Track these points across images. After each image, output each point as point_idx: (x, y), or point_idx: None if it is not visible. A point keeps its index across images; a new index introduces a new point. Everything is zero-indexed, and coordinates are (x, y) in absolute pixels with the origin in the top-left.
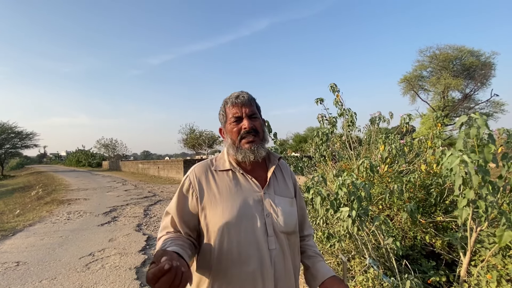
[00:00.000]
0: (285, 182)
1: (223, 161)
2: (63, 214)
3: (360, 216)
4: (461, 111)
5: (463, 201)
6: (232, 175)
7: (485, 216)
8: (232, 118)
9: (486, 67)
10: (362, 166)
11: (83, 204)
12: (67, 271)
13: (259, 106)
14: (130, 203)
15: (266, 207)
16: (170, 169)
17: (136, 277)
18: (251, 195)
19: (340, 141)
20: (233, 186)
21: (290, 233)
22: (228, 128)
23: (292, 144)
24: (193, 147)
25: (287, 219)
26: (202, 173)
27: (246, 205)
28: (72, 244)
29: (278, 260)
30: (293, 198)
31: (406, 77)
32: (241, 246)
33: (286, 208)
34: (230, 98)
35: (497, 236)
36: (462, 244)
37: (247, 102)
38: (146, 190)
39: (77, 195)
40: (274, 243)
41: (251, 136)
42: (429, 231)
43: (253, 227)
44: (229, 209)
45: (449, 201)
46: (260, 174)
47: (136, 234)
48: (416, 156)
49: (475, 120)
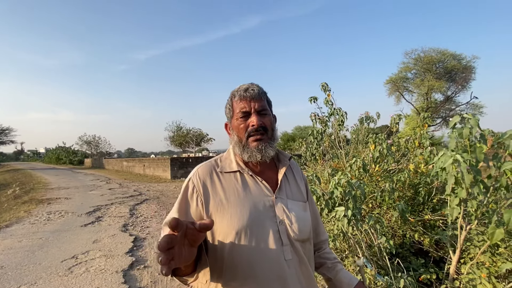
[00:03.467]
0: (297, 185)
1: (229, 161)
2: (43, 214)
3: (355, 216)
4: (442, 112)
5: (455, 200)
6: (240, 177)
7: (475, 215)
8: (240, 113)
9: (467, 71)
10: (354, 165)
11: (64, 204)
12: (48, 275)
13: (270, 101)
14: (115, 202)
15: (278, 213)
16: (156, 167)
17: (124, 281)
18: (262, 199)
19: (330, 140)
20: (242, 189)
21: (305, 241)
22: (235, 124)
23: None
24: (180, 145)
25: (302, 226)
26: (206, 175)
27: (257, 211)
28: (53, 246)
29: (297, 271)
30: (306, 202)
31: (391, 78)
32: (254, 257)
33: (300, 213)
34: (238, 91)
35: (489, 233)
36: (451, 242)
37: (257, 96)
38: (132, 188)
39: (58, 194)
40: (290, 253)
41: (259, 134)
42: (417, 229)
43: (265, 235)
44: (238, 216)
45: (436, 200)
46: (270, 176)
47: (122, 235)
48: (403, 156)
49: (468, 120)
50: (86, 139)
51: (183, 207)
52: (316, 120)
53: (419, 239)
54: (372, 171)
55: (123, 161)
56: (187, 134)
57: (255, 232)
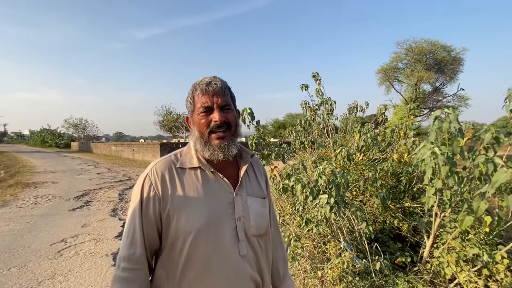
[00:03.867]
0: (257, 181)
1: (190, 156)
2: (30, 198)
3: (337, 203)
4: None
5: (431, 190)
6: (201, 173)
7: (449, 203)
8: (201, 108)
9: (455, 62)
10: (340, 155)
11: (51, 188)
12: (37, 258)
13: (234, 96)
14: (104, 187)
15: (237, 210)
16: (145, 152)
17: (113, 264)
18: (222, 197)
19: (319, 128)
20: (202, 187)
21: (262, 236)
22: (196, 119)
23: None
24: (170, 130)
25: (259, 221)
26: (165, 172)
27: (216, 209)
28: (42, 230)
29: (251, 265)
30: (265, 198)
31: (383, 67)
32: (208, 256)
33: (258, 209)
34: (200, 84)
35: (459, 220)
36: (426, 228)
37: (219, 91)
38: (121, 173)
39: (44, 177)
40: (246, 248)
41: (222, 131)
42: (397, 216)
43: (222, 233)
44: (197, 216)
45: (416, 189)
46: (232, 173)
47: (111, 219)
48: (389, 145)
49: (448, 115)
50: (72, 122)
51: (139, 212)
52: (306, 108)
53: (398, 225)
54: (357, 160)
55: (111, 145)
56: (177, 119)
57: (213, 230)
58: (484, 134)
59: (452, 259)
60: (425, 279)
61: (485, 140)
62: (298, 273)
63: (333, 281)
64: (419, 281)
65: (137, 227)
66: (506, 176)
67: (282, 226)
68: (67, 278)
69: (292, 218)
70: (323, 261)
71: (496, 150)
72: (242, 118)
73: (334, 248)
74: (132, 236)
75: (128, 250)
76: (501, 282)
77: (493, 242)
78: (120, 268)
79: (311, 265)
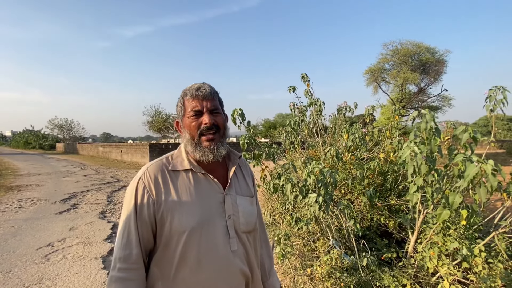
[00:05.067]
0: (245, 181)
1: (181, 159)
2: (13, 202)
3: (326, 202)
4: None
5: (413, 187)
6: (192, 175)
7: (431, 200)
8: (191, 112)
9: (439, 64)
10: (329, 154)
11: (36, 191)
12: (23, 263)
13: (222, 101)
14: (91, 189)
15: (227, 209)
16: (134, 153)
17: (103, 267)
18: (213, 197)
19: (308, 129)
20: (194, 188)
21: (250, 232)
22: (187, 123)
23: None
24: (159, 130)
25: (248, 218)
26: (158, 174)
27: (208, 209)
28: (27, 234)
29: (242, 260)
30: (253, 197)
31: (370, 68)
32: (201, 253)
33: (247, 207)
34: (190, 89)
35: (437, 214)
36: (411, 225)
37: (208, 96)
38: (109, 175)
39: (28, 180)
40: (236, 244)
41: (211, 133)
42: (384, 213)
43: (213, 231)
44: (190, 215)
45: (402, 187)
46: (221, 174)
47: (100, 222)
48: (376, 145)
49: (425, 115)
50: (57, 123)
51: (134, 213)
52: (294, 109)
53: (385, 222)
54: (346, 159)
55: (98, 147)
56: (166, 120)
57: (206, 229)
58: (462, 134)
59: (433, 254)
60: (409, 273)
61: (463, 140)
62: (288, 270)
63: (322, 278)
64: (404, 275)
65: (132, 229)
66: (476, 169)
67: (272, 225)
68: (55, 282)
69: (283, 217)
70: (312, 259)
71: (473, 149)
72: (233, 119)
73: (323, 246)
74: (127, 237)
75: (123, 251)
76: (479, 274)
77: (472, 236)
78: (116, 269)
79: (301, 263)
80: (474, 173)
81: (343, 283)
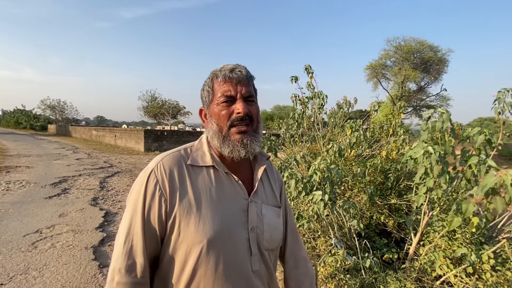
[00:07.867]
0: (271, 188)
1: (202, 153)
2: (1, 184)
3: (331, 200)
4: (414, 101)
5: (423, 189)
6: (214, 174)
7: (438, 203)
8: (222, 98)
9: (441, 63)
10: (331, 150)
11: (25, 173)
12: (8, 250)
13: (256, 89)
14: (84, 174)
15: (251, 219)
16: (128, 138)
17: (94, 257)
18: (236, 203)
19: (309, 122)
20: (215, 189)
21: (274, 250)
22: (215, 110)
23: None
24: (155, 116)
25: (274, 234)
26: (174, 169)
27: (229, 216)
28: (14, 219)
29: (262, 281)
30: (280, 208)
31: (372, 64)
32: (219, 271)
33: (273, 220)
34: (222, 70)
35: (448, 221)
36: (414, 226)
37: (244, 80)
38: (102, 160)
39: (18, 161)
40: (258, 263)
41: (244, 124)
42: (384, 212)
43: (235, 245)
44: (210, 223)
45: (403, 186)
46: (246, 176)
47: (91, 209)
48: (376, 142)
49: (442, 114)
50: (49, 103)
51: (141, 214)
52: (296, 101)
53: (384, 221)
54: (348, 156)
55: (92, 130)
56: (162, 106)
57: (225, 242)
58: (477, 136)
59: (444, 260)
60: (413, 276)
61: (478, 142)
62: None
63: (325, 279)
64: (408, 278)
65: (138, 232)
66: (495, 179)
67: None
68: (42, 273)
69: None
70: (313, 257)
71: (489, 153)
72: None
73: (324, 244)
74: (131, 243)
75: (125, 260)
76: (486, 281)
77: (477, 241)
78: (114, 283)
79: None
80: (492, 184)
81: (347, 285)
